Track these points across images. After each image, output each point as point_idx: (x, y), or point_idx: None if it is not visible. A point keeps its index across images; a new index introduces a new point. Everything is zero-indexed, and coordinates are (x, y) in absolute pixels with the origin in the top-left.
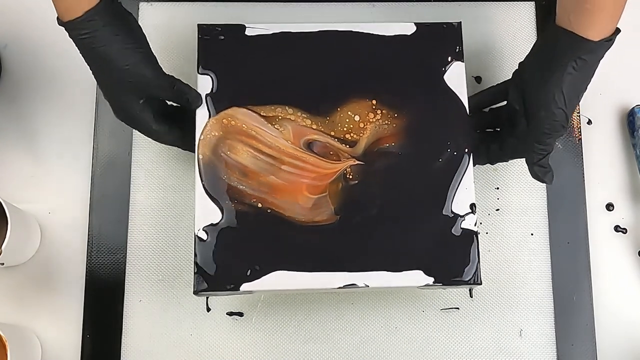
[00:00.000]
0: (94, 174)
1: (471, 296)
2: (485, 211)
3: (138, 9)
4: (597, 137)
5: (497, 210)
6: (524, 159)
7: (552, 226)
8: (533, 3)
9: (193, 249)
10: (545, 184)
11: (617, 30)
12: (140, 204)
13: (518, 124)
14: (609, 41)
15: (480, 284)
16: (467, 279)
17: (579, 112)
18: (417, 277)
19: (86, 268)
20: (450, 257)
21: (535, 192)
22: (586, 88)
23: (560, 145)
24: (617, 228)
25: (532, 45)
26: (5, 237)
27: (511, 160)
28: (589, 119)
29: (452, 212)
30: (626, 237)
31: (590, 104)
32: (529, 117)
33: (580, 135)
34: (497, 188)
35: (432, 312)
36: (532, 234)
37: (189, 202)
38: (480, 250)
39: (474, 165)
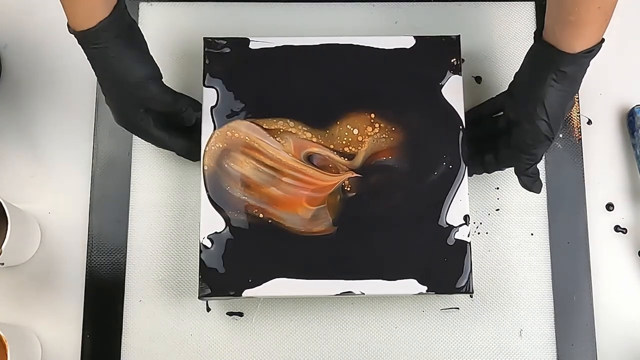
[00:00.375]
0: (94, 174)
1: (471, 296)
2: (485, 211)
3: (138, 9)
4: (597, 137)
5: (497, 210)
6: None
7: (552, 226)
8: (533, 3)
9: (198, 256)
10: (545, 184)
11: (602, 41)
12: (140, 204)
13: (513, 133)
14: (589, 53)
15: (472, 292)
16: (459, 289)
17: (579, 112)
18: (411, 286)
19: (86, 268)
20: (444, 267)
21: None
22: (572, 98)
23: (560, 145)
24: (617, 228)
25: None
26: (5, 237)
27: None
28: (589, 119)
29: (446, 223)
30: (626, 237)
31: (590, 104)
32: (516, 128)
33: (580, 135)
34: (497, 188)
35: (432, 312)
36: (532, 234)
37: (189, 202)
38: (480, 250)
39: (470, 175)
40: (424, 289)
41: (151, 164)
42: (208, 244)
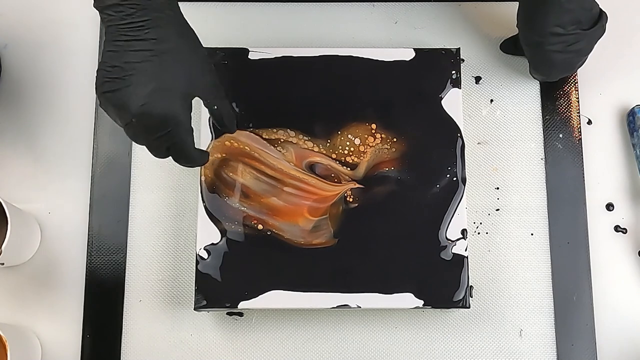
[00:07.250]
0: (94, 174)
1: (471, 296)
2: (485, 211)
3: None
4: (597, 137)
5: (497, 210)
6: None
7: (552, 226)
8: None
9: (194, 267)
10: (545, 184)
11: None
12: (140, 204)
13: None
14: None
15: (469, 307)
16: (455, 302)
17: (579, 112)
18: (407, 300)
19: (86, 268)
20: (441, 281)
21: (535, 192)
22: None
23: (560, 145)
24: (617, 228)
25: None
26: (5, 237)
27: (512, 157)
28: (589, 119)
29: (445, 237)
30: (626, 237)
31: (590, 104)
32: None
33: (580, 135)
34: (497, 188)
35: (432, 312)
36: (532, 234)
37: (188, 202)
38: (480, 250)
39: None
40: (420, 303)
41: (151, 164)
42: (204, 255)
